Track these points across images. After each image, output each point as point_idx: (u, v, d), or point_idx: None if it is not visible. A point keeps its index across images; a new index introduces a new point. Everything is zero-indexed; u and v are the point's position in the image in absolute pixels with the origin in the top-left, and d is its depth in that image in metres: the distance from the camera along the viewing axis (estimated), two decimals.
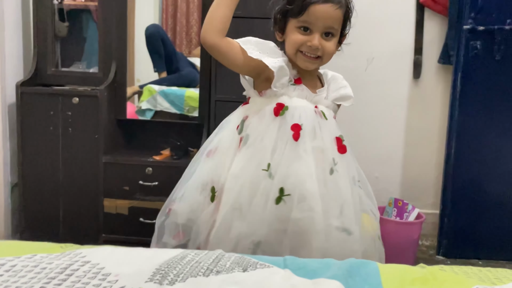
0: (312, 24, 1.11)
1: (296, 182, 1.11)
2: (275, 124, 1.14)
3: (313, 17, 1.10)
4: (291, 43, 1.15)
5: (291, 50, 1.15)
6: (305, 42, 1.12)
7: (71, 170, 2.09)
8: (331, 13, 1.11)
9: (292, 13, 1.13)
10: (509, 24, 2.08)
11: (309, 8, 1.09)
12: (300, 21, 1.12)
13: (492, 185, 2.20)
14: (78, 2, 2.25)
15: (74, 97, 2.05)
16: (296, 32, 1.13)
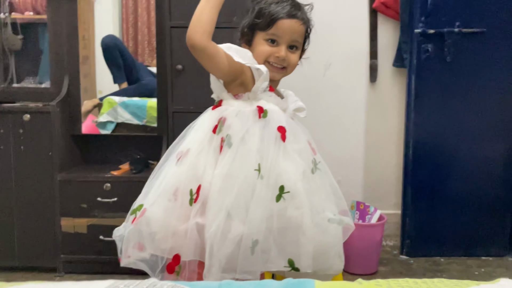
0: (279, 37, 1.20)
1: (290, 180, 1.15)
2: (259, 126, 1.18)
3: (280, 30, 1.19)
4: (260, 54, 1.22)
5: (260, 61, 1.22)
6: (273, 53, 1.21)
7: (25, 190, 2.01)
8: (296, 28, 1.21)
9: (260, 26, 1.21)
10: (458, 26, 2.15)
11: (277, 23, 1.19)
12: (268, 34, 1.21)
13: (450, 183, 2.26)
14: (27, 16, 2.18)
15: (25, 114, 1.98)
16: (265, 44, 1.22)
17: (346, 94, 2.48)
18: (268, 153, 1.15)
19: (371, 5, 2.41)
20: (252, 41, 1.25)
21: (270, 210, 1.13)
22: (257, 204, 1.12)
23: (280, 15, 1.18)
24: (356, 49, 2.45)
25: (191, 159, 1.18)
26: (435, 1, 2.13)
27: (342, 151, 2.52)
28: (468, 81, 2.19)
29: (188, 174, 1.16)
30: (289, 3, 1.22)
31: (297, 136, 1.23)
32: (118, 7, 2.37)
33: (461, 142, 2.23)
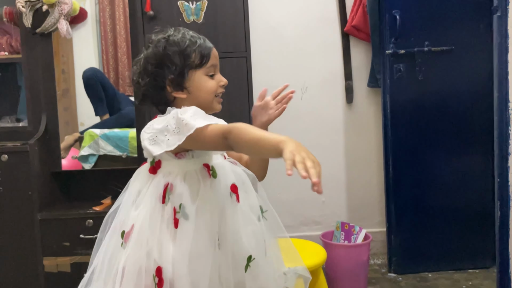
0: (216, 67, 1.18)
1: (253, 248, 1.08)
2: (211, 187, 1.08)
3: (215, 60, 1.17)
4: (209, 91, 1.16)
5: (210, 97, 1.16)
6: (218, 84, 1.18)
7: (5, 232, 1.97)
8: (216, 53, 1.20)
9: (194, 65, 1.14)
10: (427, 45, 2.23)
11: (212, 54, 1.16)
12: (207, 68, 1.15)
13: (433, 198, 2.29)
14: (2, 55, 2.18)
15: (2, 155, 1.95)
16: (208, 79, 1.16)
17: (323, 115, 2.52)
18: (225, 222, 1.06)
19: (343, 29, 2.48)
20: (183, 84, 1.13)
21: (242, 281, 1.07)
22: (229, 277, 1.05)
23: (209, 46, 1.16)
24: (331, 72, 2.51)
25: (140, 237, 1.03)
26: (403, 23, 2.20)
27: (324, 172, 2.49)
28: (440, 97, 2.25)
29: (140, 255, 1.02)
30: (199, 35, 1.18)
31: (246, 186, 1.14)
32: (97, 39, 2.38)
33: (439, 157, 2.28)
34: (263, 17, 2.46)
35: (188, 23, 2.05)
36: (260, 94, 1.30)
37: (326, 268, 2.15)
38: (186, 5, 2.05)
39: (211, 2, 2.05)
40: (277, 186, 2.54)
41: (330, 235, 2.33)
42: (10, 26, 2.20)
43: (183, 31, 1.17)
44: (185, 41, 1.14)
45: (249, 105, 2.09)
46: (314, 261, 1.81)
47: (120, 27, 2.36)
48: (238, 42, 2.07)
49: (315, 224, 2.56)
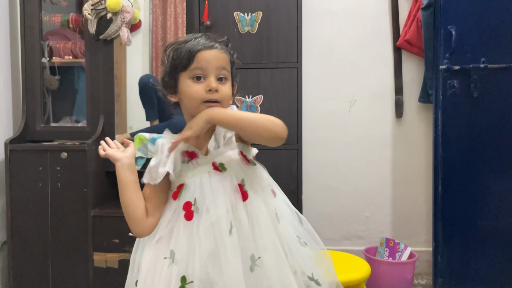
0: (204, 70, 1.08)
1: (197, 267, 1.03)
2: (173, 209, 1.09)
3: (203, 62, 1.08)
4: (191, 96, 1.09)
5: (194, 103, 1.09)
6: (204, 89, 1.08)
7: (60, 225, 2.08)
8: (219, 56, 1.10)
9: (181, 66, 1.10)
10: (483, 62, 2.17)
11: (197, 55, 1.08)
12: (191, 70, 1.09)
13: (483, 219, 2.21)
14: (67, 59, 2.31)
15: (62, 152, 2.07)
16: (192, 83, 1.09)
17: (372, 129, 2.50)
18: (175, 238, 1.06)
19: (395, 43, 2.46)
20: (176, 88, 1.12)
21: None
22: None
23: (197, 47, 1.07)
24: (381, 85, 2.49)
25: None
26: (459, 38, 2.16)
27: (370, 186, 2.52)
28: (496, 116, 2.18)
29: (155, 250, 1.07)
30: (203, 37, 1.12)
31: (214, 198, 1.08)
32: (149, 47, 2.48)
33: (492, 177, 2.20)
34: (315, 29, 2.48)
35: (243, 33, 2.11)
36: None
37: (368, 283, 2.12)
38: (242, 16, 2.11)
39: (266, 14, 2.10)
40: (321, 199, 2.53)
41: (373, 251, 2.30)
42: (71, 32, 2.34)
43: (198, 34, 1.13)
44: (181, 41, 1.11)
45: (298, 114, 2.11)
46: (357, 275, 1.79)
47: (171, 36, 2.45)
48: (290, 53, 2.10)
49: (358, 239, 2.53)
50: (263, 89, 2.11)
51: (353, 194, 2.52)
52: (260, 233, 1.05)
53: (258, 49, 2.11)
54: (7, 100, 2.29)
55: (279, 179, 2.17)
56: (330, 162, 2.52)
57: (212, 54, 1.08)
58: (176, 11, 2.41)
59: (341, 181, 2.52)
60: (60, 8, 2.34)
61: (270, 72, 2.11)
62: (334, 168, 2.52)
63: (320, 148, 2.51)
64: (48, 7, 2.30)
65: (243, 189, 1.08)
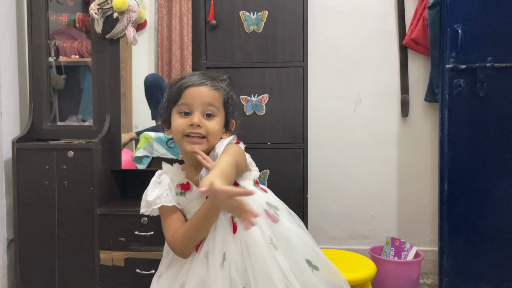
0: (190, 106, 1.13)
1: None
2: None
3: (189, 98, 1.13)
4: (175, 129, 1.15)
5: (178, 136, 1.16)
6: (187, 123, 1.13)
7: (67, 223, 2.10)
8: (206, 93, 1.14)
9: (172, 101, 1.16)
10: (490, 61, 2.15)
11: (185, 91, 1.13)
12: (179, 106, 1.15)
13: (489, 218, 2.20)
14: (73, 58, 2.33)
15: (69, 151, 2.08)
16: (178, 117, 1.15)
17: (377, 128, 2.49)
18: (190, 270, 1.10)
19: (401, 42, 2.45)
20: (170, 122, 1.18)
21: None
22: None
23: (187, 84, 1.14)
24: (387, 84, 2.48)
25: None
26: (465, 37, 2.15)
27: (375, 186, 2.51)
28: (503, 115, 2.17)
29: None
30: (197, 74, 1.18)
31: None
32: (154, 46, 2.48)
33: (499, 177, 2.18)
34: (321, 28, 2.48)
35: (248, 32, 2.11)
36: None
37: (374, 283, 2.12)
38: (248, 15, 2.11)
39: (272, 13, 2.10)
40: (326, 198, 2.53)
41: (379, 250, 2.29)
42: (77, 31, 2.35)
43: (198, 72, 1.20)
44: (179, 78, 1.17)
45: (303, 113, 2.11)
46: (363, 274, 1.79)
47: (176, 35, 2.45)
48: (296, 52, 2.10)
49: (364, 238, 2.53)
50: (268, 88, 2.11)
51: (359, 193, 2.52)
52: (252, 265, 1.04)
53: (264, 48, 2.11)
54: (14, 99, 2.31)
55: (284, 179, 2.19)
56: (336, 161, 2.51)
57: (199, 91, 1.14)
58: (182, 10, 2.42)
59: (347, 180, 2.51)
60: (66, 7, 2.36)
61: (276, 71, 2.11)
62: (340, 167, 2.51)
63: (325, 147, 2.51)
64: (55, 7, 2.31)
65: (233, 221, 1.09)
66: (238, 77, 2.10)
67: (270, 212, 1.13)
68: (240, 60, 2.12)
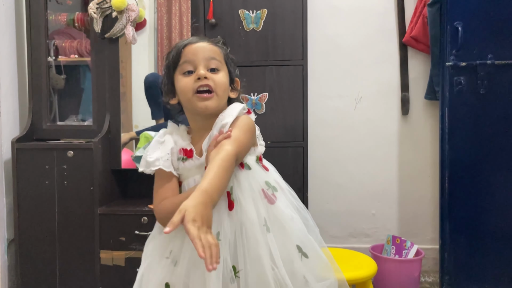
0: (193, 62, 1.10)
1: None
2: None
3: (190, 54, 1.10)
4: (182, 90, 1.11)
5: (187, 96, 1.10)
6: (193, 79, 1.09)
7: (67, 223, 2.09)
8: (207, 47, 1.11)
9: (173, 65, 1.13)
10: (490, 59, 2.15)
11: (184, 49, 1.10)
12: (181, 66, 1.11)
13: (490, 216, 2.19)
14: (72, 58, 2.32)
15: (69, 151, 2.08)
16: (182, 77, 1.11)
17: (378, 127, 2.49)
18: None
19: (401, 40, 2.45)
20: (174, 89, 1.14)
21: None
22: None
23: (183, 44, 1.11)
24: (387, 83, 2.48)
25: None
26: (466, 35, 2.14)
27: (376, 184, 2.51)
28: (504, 113, 2.16)
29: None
30: (194, 37, 1.16)
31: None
32: (154, 45, 2.48)
33: (500, 174, 2.18)
34: (321, 27, 2.47)
35: (248, 31, 2.11)
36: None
37: (374, 281, 2.11)
38: (247, 13, 2.10)
39: (271, 11, 2.10)
40: (327, 197, 2.53)
41: (380, 249, 2.29)
42: (76, 31, 2.35)
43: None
44: (173, 47, 1.14)
45: (303, 112, 2.11)
46: (364, 272, 1.79)
47: (176, 34, 2.45)
48: (296, 51, 2.10)
49: (364, 237, 2.52)
50: (268, 86, 2.11)
51: (359, 191, 2.51)
52: (243, 245, 1.02)
53: (263, 46, 2.11)
54: (13, 99, 2.30)
55: (284, 177, 2.17)
56: (336, 160, 2.51)
57: (198, 46, 1.10)
58: (181, 10, 2.41)
59: (347, 179, 2.51)
60: (65, 7, 2.35)
61: (276, 69, 2.11)
62: (340, 166, 2.51)
63: (325, 145, 2.50)
64: (54, 6, 2.31)
65: (230, 198, 1.05)
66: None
67: (267, 193, 1.09)
68: (240, 58, 2.10)
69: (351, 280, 1.75)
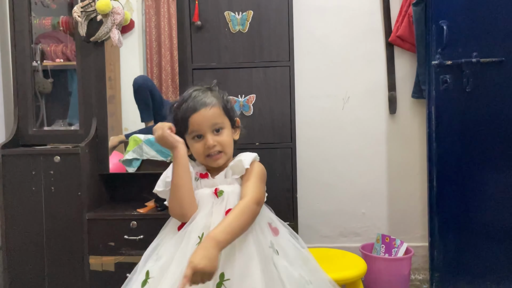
0: (199, 131, 1.29)
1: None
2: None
3: (195, 125, 1.28)
4: (196, 154, 1.33)
5: (200, 158, 1.33)
6: (204, 147, 1.29)
7: (55, 229, 2.07)
8: (207, 115, 1.28)
9: (182, 132, 1.31)
10: (475, 57, 2.16)
11: (189, 121, 1.28)
12: (190, 133, 1.30)
13: (479, 213, 2.21)
14: (58, 62, 2.30)
15: (55, 156, 2.06)
16: (194, 143, 1.31)
17: (366, 126, 2.50)
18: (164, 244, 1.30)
19: (387, 39, 2.46)
20: (186, 143, 1.33)
21: None
22: None
23: (188, 113, 1.28)
24: (374, 82, 2.49)
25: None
26: (450, 33, 2.15)
27: (365, 183, 2.52)
28: (490, 110, 2.18)
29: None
30: (192, 97, 1.30)
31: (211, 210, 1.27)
32: (143, 48, 2.47)
33: (487, 171, 2.20)
34: (307, 27, 2.48)
35: (234, 32, 2.10)
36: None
37: (365, 280, 2.12)
38: (232, 15, 2.10)
39: (257, 13, 2.10)
40: (317, 197, 2.53)
41: (370, 248, 2.30)
42: (63, 34, 2.33)
43: (190, 92, 1.32)
44: (177, 105, 1.31)
45: (291, 112, 2.11)
46: (353, 272, 1.79)
47: (165, 36, 2.44)
48: (282, 52, 2.10)
49: (355, 236, 2.53)
50: (255, 88, 2.11)
51: (349, 191, 2.52)
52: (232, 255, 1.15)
53: (250, 48, 2.11)
54: None
55: (273, 178, 2.18)
56: (325, 160, 2.52)
57: (201, 116, 1.27)
58: (170, 12, 2.40)
59: (337, 178, 2.52)
60: (50, 10, 2.33)
61: (263, 71, 2.11)
62: (329, 166, 2.52)
63: (314, 146, 2.51)
64: (39, 10, 2.29)
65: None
66: (225, 78, 2.09)
67: (272, 226, 1.30)
68: (227, 60, 2.11)
69: (341, 280, 1.76)
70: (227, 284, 1.11)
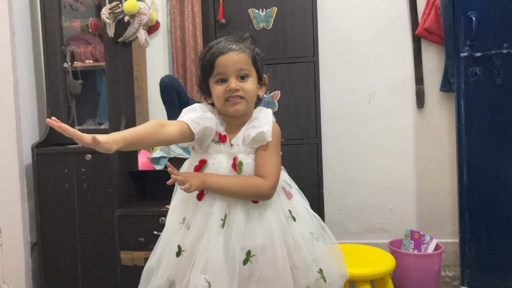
0: (224, 74, 1.23)
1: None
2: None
3: (221, 67, 1.22)
4: (216, 96, 1.25)
5: (220, 102, 1.25)
6: (225, 89, 1.23)
7: (87, 225, 2.14)
8: (235, 58, 1.22)
9: (207, 73, 1.26)
10: (506, 48, 2.10)
11: (216, 61, 1.22)
12: (214, 76, 1.24)
13: (510, 209, 2.15)
14: (87, 63, 2.36)
15: (87, 154, 2.12)
16: (216, 86, 1.25)
17: (393, 121, 2.46)
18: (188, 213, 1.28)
19: (414, 32, 2.42)
20: (209, 91, 1.29)
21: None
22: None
23: (215, 54, 1.23)
24: (400, 76, 2.45)
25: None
26: (480, 25, 2.10)
27: (392, 178, 2.49)
28: None
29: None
30: (222, 42, 1.25)
31: None
32: (168, 47, 2.51)
33: None
34: (332, 22, 2.46)
35: (258, 29, 2.11)
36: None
37: (394, 277, 2.10)
38: (256, 12, 2.11)
39: (281, 9, 2.10)
40: (343, 192, 2.52)
41: (398, 244, 2.27)
42: (91, 36, 2.39)
43: (221, 39, 1.28)
44: (207, 48, 1.27)
45: (316, 109, 2.10)
46: (382, 268, 1.78)
47: (189, 36, 2.47)
48: (307, 47, 2.10)
49: (382, 232, 2.51)
50: (280, 84, 2.11)
51: (376, 186, 2.50)
52: (254, 232, 1.18)
53: (274, 44, 2.11)
54: (32, 106, 2.36)
55: (299, 174, 2.18)
56: (351, 155, 2.50)
57: (228, 59, 1.22)
58: (194, 11, 2.43)
59: (363, 174, 2.50)
60: (79, 13, 2.40)
61: (287, 67, 2.11)
62: (355, 161, 2.50)
63: (340, 141, 2.49)
64: (68, 13, 2.35)
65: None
66: None
67: (286, 190, 1.29)
68: None
69: (369, 275, 1.75)
70: (253, 259, 1.17)
